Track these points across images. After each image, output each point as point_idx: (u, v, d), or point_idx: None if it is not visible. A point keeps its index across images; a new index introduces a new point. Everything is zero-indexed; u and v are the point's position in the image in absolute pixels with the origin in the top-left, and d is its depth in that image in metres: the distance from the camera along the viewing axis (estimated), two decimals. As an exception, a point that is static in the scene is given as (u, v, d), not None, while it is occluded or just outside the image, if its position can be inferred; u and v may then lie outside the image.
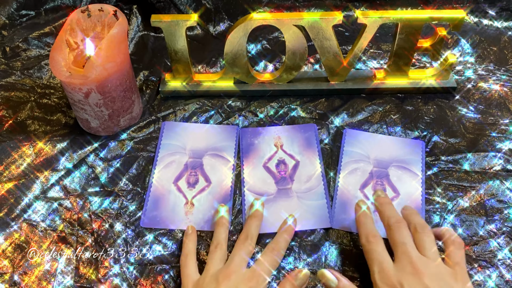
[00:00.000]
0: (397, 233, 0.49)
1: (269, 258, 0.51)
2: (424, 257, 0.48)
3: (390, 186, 0.60)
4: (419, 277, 0.46)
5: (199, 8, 0.81)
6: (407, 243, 0.48)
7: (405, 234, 0.49)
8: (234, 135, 0.65)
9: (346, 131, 0.66)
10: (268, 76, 0.71)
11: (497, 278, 0.53)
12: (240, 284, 0.48)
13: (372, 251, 0.49)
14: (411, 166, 0.62)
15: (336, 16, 0.63)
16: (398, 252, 0.48)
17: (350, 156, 0.63)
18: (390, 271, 0.47)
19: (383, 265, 0.48)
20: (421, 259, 0.47)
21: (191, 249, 0.54)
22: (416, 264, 0.46)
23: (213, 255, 0.52)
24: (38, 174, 0.62)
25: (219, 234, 0.54)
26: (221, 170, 0.62)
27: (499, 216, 0.57)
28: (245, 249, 0.52)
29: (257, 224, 0.55)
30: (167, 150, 0.64)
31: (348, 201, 0.59)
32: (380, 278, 0.47)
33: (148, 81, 0.73)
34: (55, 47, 0.58)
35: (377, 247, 0.49)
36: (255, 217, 0.55)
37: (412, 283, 0.45)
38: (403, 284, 0.45)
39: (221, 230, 0.55)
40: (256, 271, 0.50)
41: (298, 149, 0.64)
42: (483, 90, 0.71)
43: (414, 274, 0.46)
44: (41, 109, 0.69)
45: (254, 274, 0.49)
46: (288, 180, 0.61)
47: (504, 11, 0.82)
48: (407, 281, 0.45)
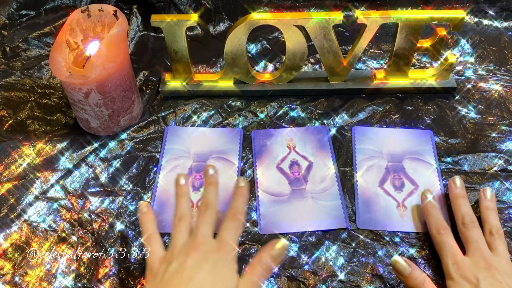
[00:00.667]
0: (471, 232, 0.52)
1: (232, 225, 0.49)
2: (495, 255, 0.50)
3: (408, 179, 0.61)
4: (493, 273, 0.47)
5: (199, 8, 0.81)
6: (480, 241, 0.51)
7: (479, 234, 0.52)
8: (238, 138, 0.65)
9: (354, 129, 0.66)
10: (268, 76, 0.71)
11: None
12: (210, 254, 0.46)
13: (444, 243, 0.51)
14: (424, 156, 0.63)
15: (336, 16, 0.63)
16: (471, 248, 0.51)
17: (363, 154, 0.63)
18: (465, 265, 0.49)
19: (456, 257, 0.50)
20: (493, 256, 0.50)
21: (151, 228, 0.51)
22: (489, 260, 0.49)
23: (178, 228, 0.50)
24: (38, 174, 0.62)
25: (181, 206, 0.52)
26: (226, 173, 0.62)
27: (499, 216, 0.57)
28: (208, 219, 0.50)
29: (215, 190, 0.53)
30: (171, 155, 0.64)
31: (370, 200, 0.59)
32: (455, 270, 0.49)
33: (148, 81, 0.73)
34: (55, 47, 0.58)
35: (448, 239, 0.52)
36: (210, 184, 0.53)
37: (486, 277, 0.47)
38: (479, 278, 0.47)
39: (183, 201, 0.52)
40: (224, 240, 0.48)
41: (311, 150, 0.64)
42: (483, 90, 0.71)
43: (488, 269, 0.48)
44: (41, 109, 0.69)
45: (222, 243, 0.48)
46: (302, 181, 0.61)
47: (504, 11, 0.82)
48: (482, 275, 0.47)
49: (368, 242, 0.55)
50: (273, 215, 0.58)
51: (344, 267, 0.54)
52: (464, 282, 0.48)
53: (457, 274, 0.48)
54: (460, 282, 0.48)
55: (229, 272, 0.46)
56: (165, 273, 0.45)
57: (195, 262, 0.45)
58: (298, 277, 0.53)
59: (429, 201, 0.56)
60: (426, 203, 0.56)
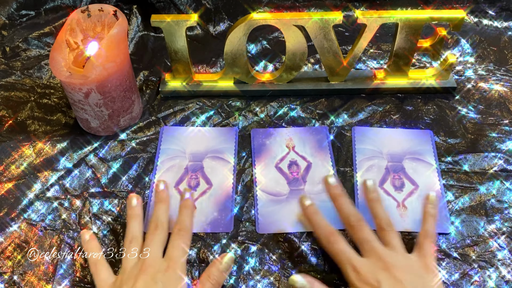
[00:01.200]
0: (360, 232, 0.50)
1: (179, 240, 0.50)
2: (391, 251, 0.49)
3: (408, 179, 0.61)
4: (392, 272, 0.46)
5: (199, 8, 0.81)
6: (371, 240, 0.49)
7: (369, 232, 0.50)
8: (233, 136, 0.65)
9: (354, 129, 0.66)
10: (268, 76, 0.71)
11: (497, 279, 0.53)
12: (158, 275, 0.47)
13: (338, 252, 0.49)
14: (424, 156, 0.63)
15: (336, 16, 0.63)
16: (364, 249, 0.49)
17: (363, 154, 0.63)
18: (363, 269, 0.47)
19: (354, 263, 0.48)
20: (389, 254, 0.48)
21: (97, 255, 0.51)
22: (385, 258, 0.47)
23: (128, 250, 0.50)
24: (38, 174, 0.62)
25: (132, 228, 0.52)
26: (222, 172, 0.62)
27: (499, 216, 0.57)
28: (157, 239, 0.50)
29: (165, 208, 0.53)
30: (167, 155, 0.64)
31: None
32: (356, 277, 0.47)
33: (148, 81, 0.73)
34: (55, 47, 0.58)
35: (341, 246, 0.49)
36: (161, 202, 0.54)
37: (386, 278, 0.46)
38: (379, 280, 0.46)
39: (135, 223, 0.52)
40: (171, 259, 0.48)
41: (310, 151, 0.64)
42: (483, 90, 0.71)
43: (386, 269, 0.47)
44: (41, 109, 0.69)
45: (169, 263, 0.48)
46: (301, 181, 0.61)
47: (504, 11, 0.82)
48: (382, 276, 0.46)
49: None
50: (271, 214, 0.58)
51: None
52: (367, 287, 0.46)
53: (358, 281, 0.47)
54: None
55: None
56: None
57: (144, 285, 0.46)
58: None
59: (310, 207, 0.53)
60: (308, 211, 0.53)
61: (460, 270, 0.53)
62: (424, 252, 0.49)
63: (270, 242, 0.56)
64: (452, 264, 0.54)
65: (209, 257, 0.54)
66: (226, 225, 0.57)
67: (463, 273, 0.53)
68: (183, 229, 0.51)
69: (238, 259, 0.54)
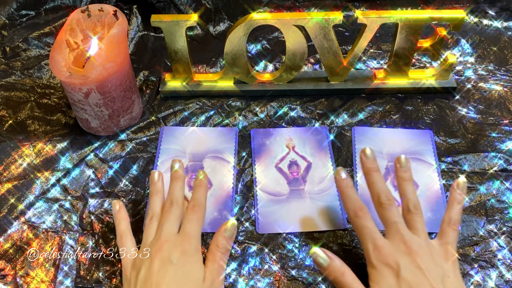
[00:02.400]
0: (389, 212, 0.49)
1: (194, 216, 0.51)
2: (415, 236, 0.48)
3: None
4: (413, 257, 0.46)
5: (199, 8, 0.81)
6: (398, 222, 0.49)
7: (397, 214, 0.49)
8: (233, 136, 0.65)
9: (354, 129, 0.66)
10: (268, 76, 0.71)
11: (497, 278, 0.53)
12: (173, 251, 0.48)
13: (363, 227, 0.49)
14: (424, 156, 0.63)
15: (336, 16, 0.63)
16: (390, 230, 0.49)
17: None
18: (385, 249, 0.47)
19: (376, 242, 0.48)
20: (413, 238, 0.48)
21: (124, 228, 0.53)
22: (409, 243, 0.47)
23: (148, 227, 0.52)
24: (38, 174, 0.62)
25: (154, 204, 0.53)
26: (222, 172, 0.62)
27: (499, 216, 0.57)
28: (172, 215, 0.51)
29: (181, 185, 0.54)
30: (167, 155, 0.64)
31: (369, 200, 0.58)
32: (376, 256, 0.47)
33: (148, 81, 0.73)
34: (55, 47, 0.58)
35: (367, 223, 0.49)
36: (176, 179, 0.54)
37: (407, 264, 0.46)
38: (399, 263, 0.46)
39: (156, 199, 0.54)
40: (186, 233, 0.49)
41: (310, 151, 0.64)
42: (483, 90, 0.71)
43: (408, 254, 0.46)
44: (41, 109, 0.69)
45: (184, 237, 0.49)
46: (301, 181, 0.61)
47: (504, 11, 0.82)
48: (403, 261, 0.46)
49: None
50: (271, 214, 0.58)
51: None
52: (385, 269, 0.46)
53: (378, 261, 0.47)
54: (381, 269, 0.46)
55: (195, 266, 0.48)
56: (136, 282, 0.47)
57: (160, 264, 0.47)
58: (298, 277, 0.53)
59: (344, 180, 0.52)
60: (341, 183, 0.52)
61: (460, 270, 0.53)
62: (447, 240, 0.49)
63: (270, 242, 0.56)
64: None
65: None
66: None
67: (464, 273, 0.53)
68: (197, 205, 0.52)
69: (239, 259, 0.54)
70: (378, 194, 0.50)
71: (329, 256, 0.48)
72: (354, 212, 0.50)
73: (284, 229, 0.57)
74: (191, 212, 0.51)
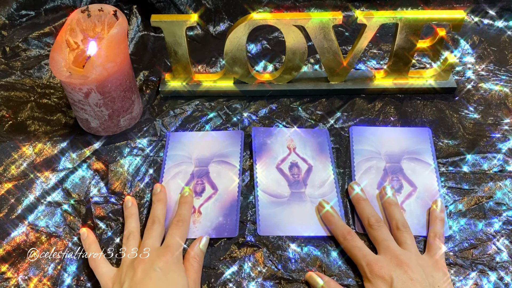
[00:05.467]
0: (379, 232, 0.54)
1: (177, 231, 0.54)
2: (406, 250, 0.52)
3: (406, 181, 0.61)
4: (405, 270, 0.49)
5: (199, 8, 0.81)
6: (388, 239, 0.53)
7: (386, 232, 0.54)
8: (239, 140, 0.65)
9: (352, 129, 0.66)
10: (268, 76, 0.71)
11: (496, 281, 0.53)
12: (156, 262, 0.49)
13: (354, 248, 0.53)
14: (423, 156, 0.63)
15: (336, 16, 0.63)
16: (381, 246, 0.53)
17: (361, 155, 0.63)
18: (378, 263, 0.50)
19: (369, 258, 0.51)
20: (403, 253, 0.51)
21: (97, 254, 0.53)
22: (400, 257, 0.51)
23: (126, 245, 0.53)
24: (38, 175, 0.62)
25: (130, 224, 0.56)
26: (227, 176, 0.62)
27: (498, 219, 0.57)
28: (154, 232, 0.54)
29: (162, 207, 0.57)
30: (173, 161, 0.63)
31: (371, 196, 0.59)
32: (370, 271, 0.50)
33: (148, 81, 0.73)
34: (55, 47, 0.58)
35: (357, 243, 0.53)
36: (158, 201, 0.57)
37: (399, 276, 0.49)
38: (392, 276, 0.49)
39: (131, 221, 0.56)
40: (168, 246, 0.52)
41: (311, 153, 0.64)
42: (483, 91, 0.71)
43: (400, 266, 0.50)
44: (41, 109, 0.69)
45: (166, 249, 0.51)
46: (302, 183, 0.61)
47: (504, 11, 0.82)
48: (395, 273, 0.49)
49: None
50: (272, 216, 0.58)
51: (344, 271, 0.54)
52: (379, 281, 0.49)
53: (372, 275, 0.50)
54: (376, 282, 0.49)
55: (179, 274, 0.49)
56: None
57: (143, 273, 0.49)
58: (298, 280, 0.53)
59: (327, 210, 0.56)
60: (324, 212, 0.57)
61: (459, 272, 0.53)
62: (434, 252, 0.53)
63: (271, 244, 0.56)
64: (451, 266, 0.54)
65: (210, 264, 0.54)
66: (231, 230, 0.56)
67: (462, 276, 0.53)
68: (181, 220, 0.55)
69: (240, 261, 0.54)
70: (368, 217, 0.55)
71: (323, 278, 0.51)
72: (343, 236, 0.54)
73: (285, 232, 0.57)
74: (174, 226, 0.54)
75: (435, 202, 0.57)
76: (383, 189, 0.59)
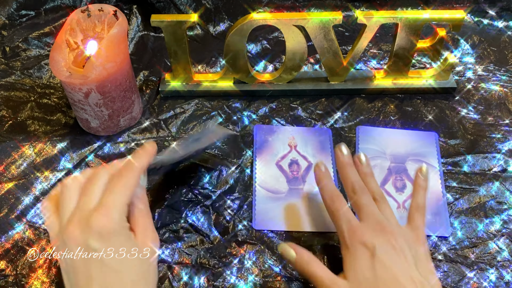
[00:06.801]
0: (362, 198, 0.50)
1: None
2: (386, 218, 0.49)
3: (409, 181, 0.61)
4: (388, 237, 0.47)
5: (199, 8, 0.81)
6: (371, 205, 0.50)
7: (369, 199, 0.50)
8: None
9: (359, 128, 0.66)
10: (268, 76, 0.71)
11: (497, 280, 0.53)
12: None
13: (338, 211, 0.50)
14: (428, 159, 0.63)
15: (336, 16, 0.63)
16: (363, 212, 0.49)
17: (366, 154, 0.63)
18: (360, 229, 0.47)
19: (352, 223, 0.48)
20: (386, 220, 0.49)
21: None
22: (383, 223, 0.48)
23: None
24: (38, 174, 0.62)
25: None
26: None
27: (499, 218, 0.57)
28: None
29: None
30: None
31: None
32: (350, 236, 0.47)
33: (148, 81, 0.73)
34: (55, 47, 0.58)
35: (343, 207, 0.50)
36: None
37: (382, 243, 0.46)
38: (374, 243, 0.46)
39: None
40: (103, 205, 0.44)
41: (312, 151, 0.64)
42: (483, 91, 0.71)
43: (383, 233, 0.47)
44: (41, 109, 0.69)
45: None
46: (300, 180, 0.61)
47: (504, 11, 0.82)
48: (378, 240, 0.46)
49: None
50: (268, 211, 0.58)
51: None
52: (360, 248, 0.46)
53: (352, 241, 0.47)
54: (356, 250, 0.46)
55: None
56: None
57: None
58: (298, 277, 0.53)
59: (323, 172, 0.53)
60: (320, 174, 0.53)
61: (459, 271, 0.53)
62: (416, 224, 0.50)
63: (271, 241, 0.56)
64: (451, 265, 0.54)
65: (209, 262, 0.54)
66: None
67: (463, 275, 0.53)
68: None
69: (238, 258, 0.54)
70: (352, 183, 0.51)
71: (296, 250, 0.48)
72: (331, 198, 0.51)
73: (281, 227, 0.57)
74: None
75: (420, 169, 0.54)
76: (356, 158, 0.54)
